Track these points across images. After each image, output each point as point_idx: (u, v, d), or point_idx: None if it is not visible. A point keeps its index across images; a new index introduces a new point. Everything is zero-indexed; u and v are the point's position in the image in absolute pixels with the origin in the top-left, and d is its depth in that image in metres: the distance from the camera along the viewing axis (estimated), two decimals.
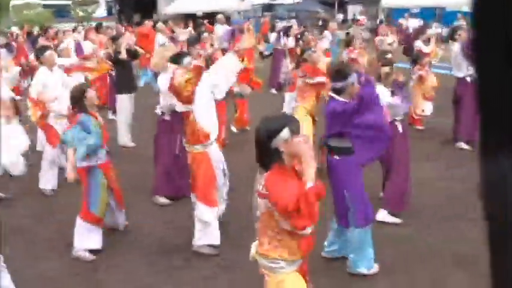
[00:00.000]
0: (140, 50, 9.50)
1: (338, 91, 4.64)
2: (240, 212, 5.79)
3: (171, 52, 6.57)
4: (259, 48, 13.36)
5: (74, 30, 13.81)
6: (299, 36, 11.20)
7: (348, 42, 10.53)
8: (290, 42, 11.46)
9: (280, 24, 16.71)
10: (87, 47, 10.95)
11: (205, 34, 10.31)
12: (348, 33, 13.45)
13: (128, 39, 9.60)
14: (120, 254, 5.47)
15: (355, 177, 4.69)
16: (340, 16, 33.06)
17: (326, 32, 12.79)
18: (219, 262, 5.21)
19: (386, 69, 5.64)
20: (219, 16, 14.44)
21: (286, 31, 12.50)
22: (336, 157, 4.69)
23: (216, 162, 5.43)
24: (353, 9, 33.29)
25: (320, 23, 14.06)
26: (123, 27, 17.27)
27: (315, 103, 7.58)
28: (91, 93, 5.42)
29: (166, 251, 5.52)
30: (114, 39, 9.40)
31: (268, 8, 34.90)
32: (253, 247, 3.36)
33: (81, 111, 5.34)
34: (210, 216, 5.37)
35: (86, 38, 11.55)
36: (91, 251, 5.44)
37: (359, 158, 4.64)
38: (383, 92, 5.55)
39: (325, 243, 5.15)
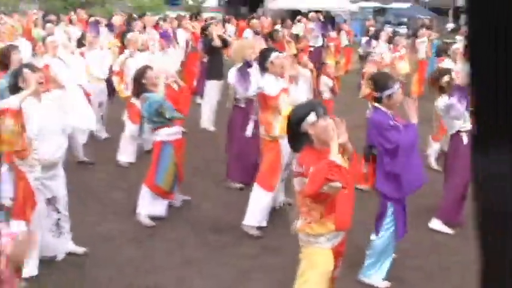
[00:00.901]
0: (229, 39, 9.93)
1: (378, 100, 4.68)
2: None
3: (249, 45, 6.92)
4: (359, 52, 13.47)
5: (176, 18, 14.49)
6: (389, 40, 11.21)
7: (440, 51, 10.41)
8: (380, 46, 11.48)
9: (389, 29, 16.61)
10: (181, 36, 11.50)
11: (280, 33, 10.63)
12: (446, 43, 13.23)
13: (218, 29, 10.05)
14: (175, 227, 5.89)
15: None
16: (451, 25, 32.14)
17: (418, 40, 12.70)
18: (265, 243, 5.49)
19: (445, 78, 5.66)
20: (312, 14, 14.66)
21: (377, 35, 12.52)
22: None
23: (284, 154, 5.72)
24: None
25: (421, 29, 13.85)
26: (228, 19, 17.84)
27: None
28: (150, 73, 5.88)
29: (218, 229, 5.88)
30: (205, 28, 9.91)
31: (380, 11, 34.45)
32: (296, 223, 3.64)
33: (143, 91, 5.83)
34: (264, 200, 5.68)
35: (179, 26, 12.07)
36: (153, 219, 5.92)
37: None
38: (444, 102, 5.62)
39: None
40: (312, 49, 13.34)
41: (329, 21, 16.83)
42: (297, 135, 3.48)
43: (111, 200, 6.58)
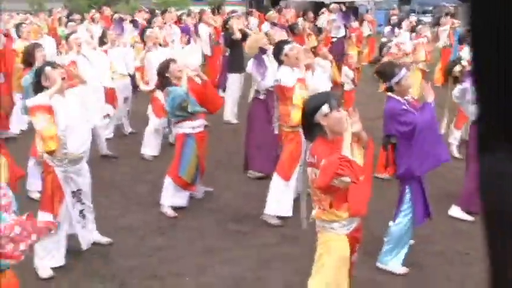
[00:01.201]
0: (250, 32, 10.02)
1: (390, 90, 4.73)
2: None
3: (260, 38, 7.02)
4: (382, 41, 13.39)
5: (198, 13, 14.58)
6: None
7: (461, 39, 10.33)
8: (403, 34, 11.42)
9: (412, 18, 16.50)
10: (203, 30, 11.61)
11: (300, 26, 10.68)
12: (468, 30, 13.06)
13: (238, 23, 10.14)
14: (197, 217, 6.02)
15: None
16: None
17: (441, 28, 12.59)
18: (284, 232, 5.58)
19: (457, 68, 5.68)
20: (333, 5, 14.65)
21: (399, 24, 12.46)
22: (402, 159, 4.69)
23: (304, 144, 5.79)
24: None
25: (444, 18, 13.71)
26: (251, 12, 17.88)
27: None
28: (173, 67, 5.98)
29: (238, 219, 5.99)
30: (226, 21, 10.01)
31: (405, 1, 34.03)
32: (314, 211, 3.74)
33: (167, 85, 5.94)
34: (283, 189, 5.77)
35: (201, 20, 12.17)
36: (175, 209, 6.06)
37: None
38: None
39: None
40: (334, 40, 13.32)
41: (351, 11, 16.71)
42: (311, 126, 3.56)
43: (135, 193, 6.75)
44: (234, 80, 10.00)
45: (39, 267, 4.73)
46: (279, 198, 5.78)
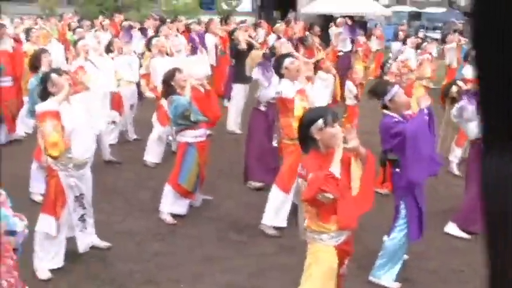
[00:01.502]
0: (255, 43, 10.14)
1: (385, 107, 4.82)
2: None
3: (258, 56, 7.18)
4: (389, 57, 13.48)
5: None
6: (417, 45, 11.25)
7: (467, 56, 10.38)
8: (407, 51, 11.52)
9: (420, 34, 16.57)
10: (209, 40, 11.72)
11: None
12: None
13: (244, 33, 10.26)
14: (197, 225, 6.10)
15: (412, 190, 4.75)
16: None
17: (447, 46, 12.69)
18: (282, 243, 5.65)
19: (453, 88, 5.77)
20: (340, 19, 14.76)
21: (405, 39, 12.56)
22: (397, 169, 4.77)
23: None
24: None
25: (451, 35, 13.78)
26: (259, 23, 18.00)
27: None
28: (179, 76, 6.08)
29: (237, 228, 6.06)
30: (232, 32, 10.14)
31: (415, 16, 34.12)
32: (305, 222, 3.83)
33: (171, 93, 6.04)
34: (282, 201, 5.84)
35: (207, 30, 12.29)
36: (175, 217, 6.14)
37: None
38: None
39: None
40: (340, 54, 13.43)
41: (358, 25, 16.79)
42: (306, 138, 3.66)
43: (137, 199, 6.84)
44: (238, 90, 10.10)
45: (38, 269, 4.81)
46: (277, 210, 5.85)
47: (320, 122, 3.55)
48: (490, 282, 1.04)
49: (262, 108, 7.19)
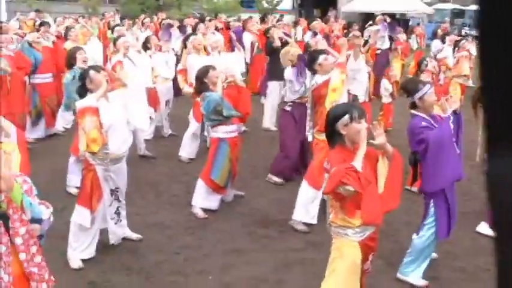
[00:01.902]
0: (290, 41, 10.16)
1: (413, 106, 4.76)
2: None
3: (295, 49, 7.18)
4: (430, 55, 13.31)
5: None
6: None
7: None
8: (446, 49, 11.34)
9: (464, 32, 16.30)
10: (246, 38, 11.78)
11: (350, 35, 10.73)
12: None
13: (279, 31, 10.30)
14: (226, 220, 6.19)
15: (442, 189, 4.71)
16: None
17: None
18: (309, 239, 5.68)
19: None
20: (379, 16, 14.59)
21: (444, 37, 12.36)
22: None
23: None
24: None
25: None
26: (298, 21, 17.99)
27: None
28: (212, 73, 6.17)
29: (267, 223, 6.13)
30: (267, 30, 10.20)
31: (458, 14, 33.49)
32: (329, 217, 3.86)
33: (204, 90, 6.13)
34: (312, 197, 5.87)
35: (244, 28, 12.35)
36: (206, 211, 6.24)
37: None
38: None
39: None
40: (378, 52, 13.31)
41: (399, 23, 16.60)
42: (332, 134, 3.69)
43: (169, 193, 6.97)
44: (273, 88, 10.16)
45: (71, 258, 4.97)
46: (307, 206, 5.89)
47: (346, 117, 3.59)
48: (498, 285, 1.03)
49: (288, 108, 7.23)
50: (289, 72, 7.13)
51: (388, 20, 14.13)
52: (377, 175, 3.73)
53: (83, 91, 5.07)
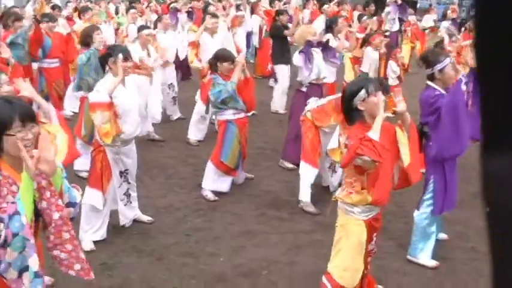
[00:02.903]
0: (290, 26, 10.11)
1: (431, 78, 4.68)
2: None
3: (312, 31, 7.14)
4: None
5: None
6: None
7: None
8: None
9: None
10: (255, 22, 11.70)
11: (365, 17, 10.69)
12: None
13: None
14: (236, 202, 6.19)
15: (443, 164, 4.66)
16: None
17: None
18: (319, 220, 5.67)
19: None
20: None
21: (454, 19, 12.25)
22: (430, 143, 4.65)
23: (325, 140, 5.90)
24: None
25: None
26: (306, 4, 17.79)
27: None
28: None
29: (277, 205, 6.13)
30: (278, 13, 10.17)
31: None
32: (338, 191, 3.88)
33: (213, 72, 6.12)
34: (312, 175, 5.91)
35: (253, 12, 12.28)
36: (216, 193, 6.24)
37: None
38: None
39: None
40: (387, 33, 13.18)
41: (408, 4, 16.39)
42: (350, 111, 3.65)
43: (178, 175, 6.97)
44: (281, 71, 10.15)
45: (83, 239, 4.99)
46: (311, 185, 5.95)
47: (362, 92, 3.55)
48: (494, 283, 1.00)
49: (304, 89, 7.18)
50: (297, 59, 7.08)
51: (399, 1, 13.96)
52: (397, 148, 3.71)
53: (103, 65, 5.13)
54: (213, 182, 6.29)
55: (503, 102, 0.90)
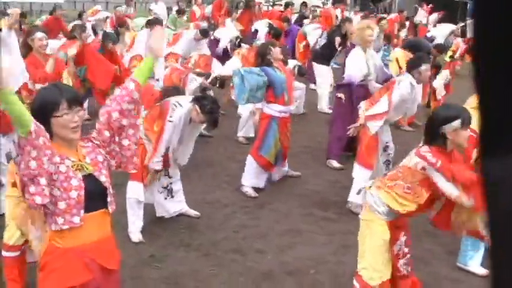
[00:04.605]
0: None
1: None
2: None
3: (368, 26, 7.09)
4: None
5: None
6: None
7: None
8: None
9: None
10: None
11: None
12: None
13: None
14: (284, 200, 6.17)
15: None
16: None
17: None
18: None
19: None
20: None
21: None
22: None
23: (382, 136, 5.84)
24: None
25: None
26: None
27: None
28: (275, 50, 6.14)
29: (324, 204, 6.08)
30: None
31: None
32: (372, 182, 3.82)
33: (266, 65, 6.11)
34: (366, 177, 5.78)
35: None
36: (261, 191, 6.25)
37: None
38: None
39: None
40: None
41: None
42: (435, 134, 3.52)
43: (226, 171, 6.98)
44: (322, 72, 10.16)
45: (132, 231, 5.05)
46: (359, 186, 5.82)
47: (457, 122, 3.43)
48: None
49: (348, 88, 7.09)
50: (350, 58, 7.02)
51: None
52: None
53: None
54: (252, 178, 6.28)
55: (501, 106, 0.89)
